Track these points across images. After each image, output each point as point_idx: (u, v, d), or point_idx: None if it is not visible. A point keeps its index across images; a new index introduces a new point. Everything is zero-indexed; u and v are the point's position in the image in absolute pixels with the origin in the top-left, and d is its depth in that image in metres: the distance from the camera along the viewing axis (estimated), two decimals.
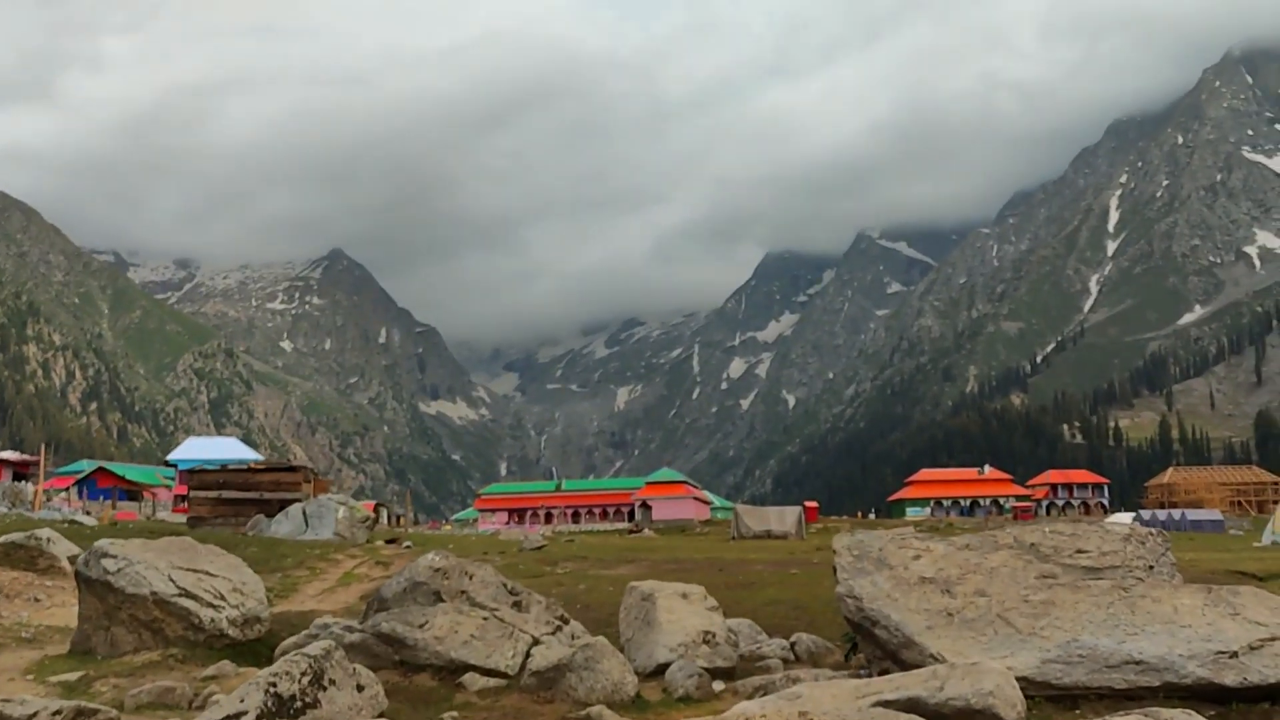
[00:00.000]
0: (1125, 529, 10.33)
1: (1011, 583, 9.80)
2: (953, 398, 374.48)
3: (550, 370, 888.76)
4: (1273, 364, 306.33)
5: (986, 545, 10.35)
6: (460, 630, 10.36)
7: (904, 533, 10.56)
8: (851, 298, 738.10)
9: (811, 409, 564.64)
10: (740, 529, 73.60)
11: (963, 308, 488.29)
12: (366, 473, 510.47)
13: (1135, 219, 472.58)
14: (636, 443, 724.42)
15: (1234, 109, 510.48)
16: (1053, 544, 10.21)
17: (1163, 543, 10.48)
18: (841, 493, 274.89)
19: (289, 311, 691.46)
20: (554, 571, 20.35)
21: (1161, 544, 10.47)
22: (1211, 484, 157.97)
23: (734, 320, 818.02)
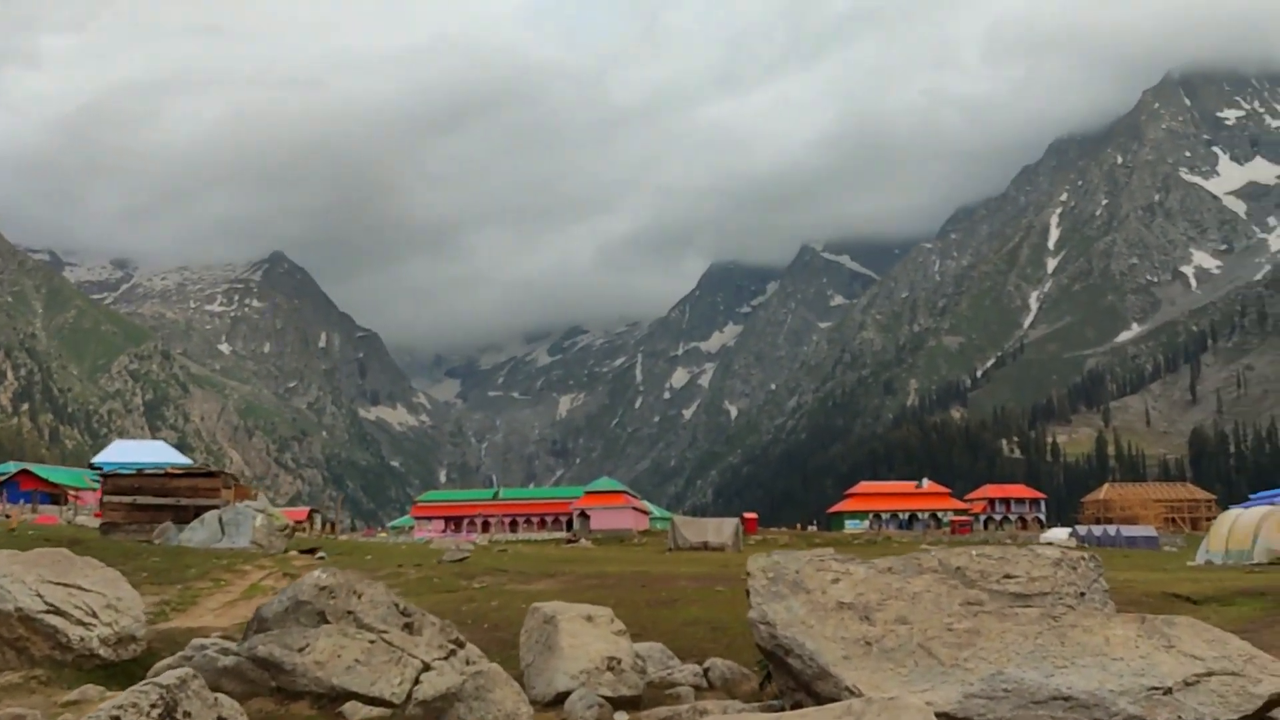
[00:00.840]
0: (1056, 553, 9.71)
1: (935, 610, 9.13)
2: (893, 411, 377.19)
3: (492, 377, 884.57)
4: (1207, 382, 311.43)
5: (910, 569, 9.69)
6: (344, 654, 9.51)
7: (823, 554, 9.87)
8: (795, 309, 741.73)
9: (753, 420, 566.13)
10: (677, 540, 72.92)
11: (904, 321, 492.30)
12: (304, 478, 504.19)
13: (1075, 237, 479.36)
14: (578, 451, 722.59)
15: (1172, 130, 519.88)
16: (980, 568, 9.56)
17: (1094, 568, 9.87)
18: (782, 504, 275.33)
19: (228, 314, 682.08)
20: (469, 586, 19.49)
21: (1093, 569, 9.86)
22: (1146, 500, 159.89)
23: (677, 330, 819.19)
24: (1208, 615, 15.43)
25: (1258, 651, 8.30)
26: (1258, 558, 31.07)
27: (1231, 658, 8.37)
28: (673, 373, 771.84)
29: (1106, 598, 9.91)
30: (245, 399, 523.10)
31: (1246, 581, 19.10)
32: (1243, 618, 14.68)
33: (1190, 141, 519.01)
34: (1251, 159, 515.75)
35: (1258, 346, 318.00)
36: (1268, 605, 15.48)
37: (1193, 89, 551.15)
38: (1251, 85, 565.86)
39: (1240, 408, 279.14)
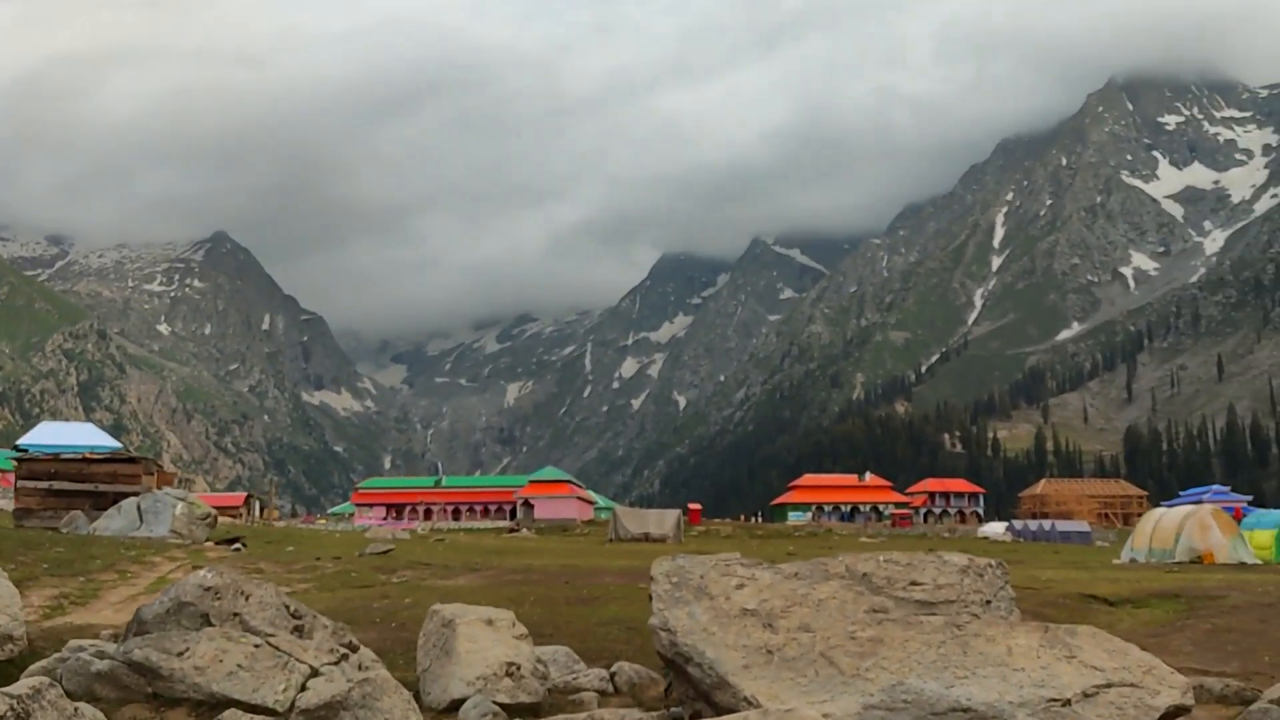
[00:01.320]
0: (963, 560, 9.54)
1: (839, 617, 8.92)
2: (839, 404, 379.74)
3: (439, 364, 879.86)
4: (1143, 381, 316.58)
5: (816, 574, 9.47)
6: (226, 659, 9.10)
7: (728, 559, 9.63)
8: (745, 302, 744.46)
9: (701, 411, 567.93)
10: (618, 531, 72.72)
11: (852, 316, 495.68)
12: (244, 462, 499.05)
13: (1019, 236, 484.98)
14: (525, 440, 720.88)
15: (1115, 134, 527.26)
16: (886, 574, 9.37)
17: (1001, 575, 9.72)
18: (728, 495, 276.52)
19: (167, 294, 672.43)
20: (387, 581, 19.08)
21: (999, 577, 9.71)
22: (1081, 496, 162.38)
23: (627, 320, 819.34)
24: (1121, 618, 15.43)
25: (1157, 662, 8.17)
26: (1179, 556, 31.36)
27: (1131, 669, 8.23)
28: (622, 362, 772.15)
29: (1012, 605, 9.76)
30: (184, 381, 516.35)
31: (1164, 582, 19.17)
32: (1155, 621, 14.68)
33: (1132, 145, 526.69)
34: (1190, 164, 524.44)
35: (1191, 347, 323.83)
36: (1179, 608, 15.50)
37: (1135, 94, 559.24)
38: (1191, 92, 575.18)
39: (1173, 407, 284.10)
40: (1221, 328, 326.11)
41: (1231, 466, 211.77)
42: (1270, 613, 14.43)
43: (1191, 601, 16.03)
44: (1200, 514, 32.99)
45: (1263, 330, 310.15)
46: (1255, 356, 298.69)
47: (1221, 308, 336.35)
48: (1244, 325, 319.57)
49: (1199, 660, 11.68)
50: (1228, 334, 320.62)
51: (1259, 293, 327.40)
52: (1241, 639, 12.59)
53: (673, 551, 51.80)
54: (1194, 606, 15.50)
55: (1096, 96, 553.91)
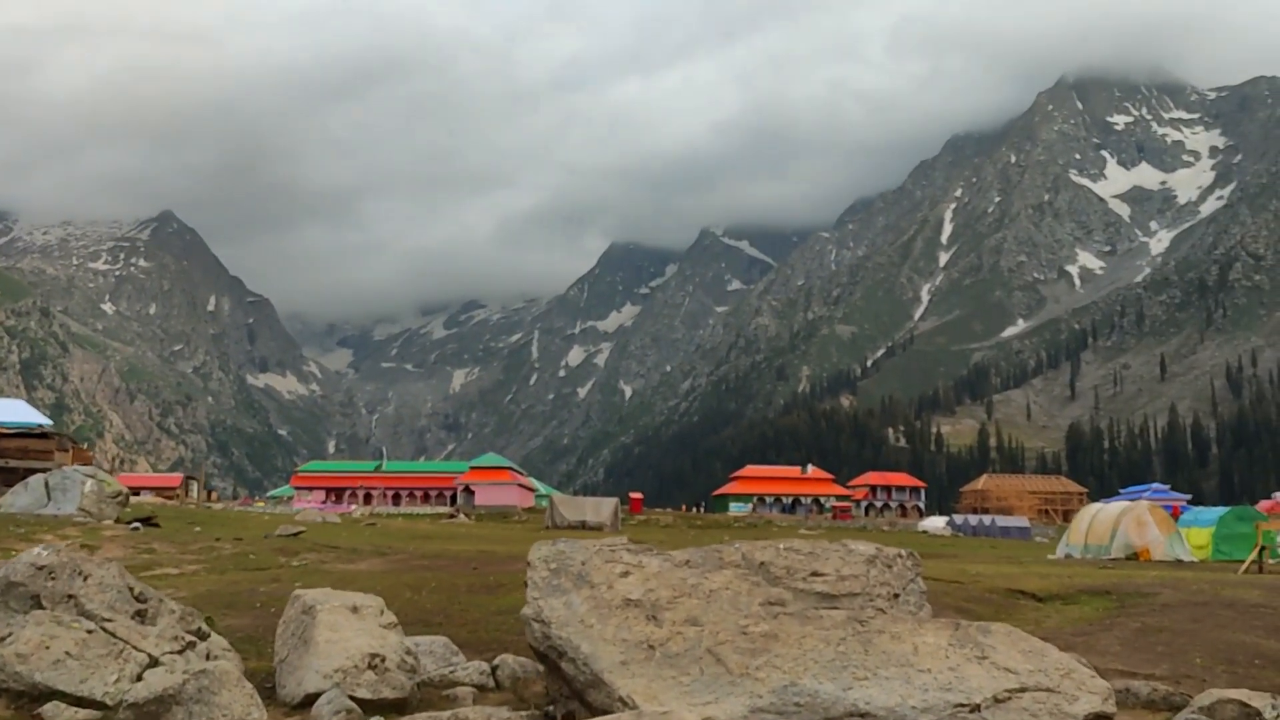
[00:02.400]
0: (871, 550, 8.74)
1: (731, 610, 8.07)
2: (785, 396, 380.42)
3: (385, 348, 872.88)
4: (1086, 379, 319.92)
5: (710, 563, 8.62)
6: (53, 646, 8.11)
7: (615, 544, 8.76)
8: (692, 293, 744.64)
9: (647, 400, 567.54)
10: (555, 519, 71.98)
11: (799, 309, 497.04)
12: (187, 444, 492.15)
13: (967, 232, 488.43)
14: (470, 426, 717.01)
15: (1064, 133, 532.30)
16: (786, 564, 8.53)
17: (912, 567, 8.92)
18: (672, 485, 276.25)
19: (112, 273, 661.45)
20: (285, 564, 18.06)
21: (910, 568, 8.91)
22: (1022, 492, 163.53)
23: (575, 308, 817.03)
24: (1049, 614, 14.79)
25: (1077, 664, 7.37)
26: (1115, 553, 30.96)
27: (1048, 671, 7.45)
28: (569, 351, 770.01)
29: (923, 600, 8.97)
30: (128, 361, 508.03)
31: (1097, 578, 18.59)
32: (1083, 618, 14.02)
33: (1080, 144, 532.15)
34: (1137, 164, 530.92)
35: (1135, 346, 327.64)
36: (1109, 605, 14.86)
37: (1085, 93, 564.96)
38: (1140, 93, 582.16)
39: (1116, 405, 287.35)
40: (1165, 328, 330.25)
41: (1172, 465, 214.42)
42: (1203, 612, 13.81)
43: (1122, 599, 15.42)
44: (1137, 510, 32.62)
45: (1205, 331, 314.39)
46: (1198, 357, 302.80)
47: (1165, 308, 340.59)
48: (1187, 326, 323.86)
49: (1127, 661, 11.00)
50: (1171, 334, 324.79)
51: (1203, 294, 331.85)
52: (1172, 639, 11.94)
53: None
54: (1125, 604, 14.88)
55: (1047, 95, 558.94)
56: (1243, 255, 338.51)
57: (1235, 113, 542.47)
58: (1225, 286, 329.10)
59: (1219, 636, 12.13)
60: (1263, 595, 15.34)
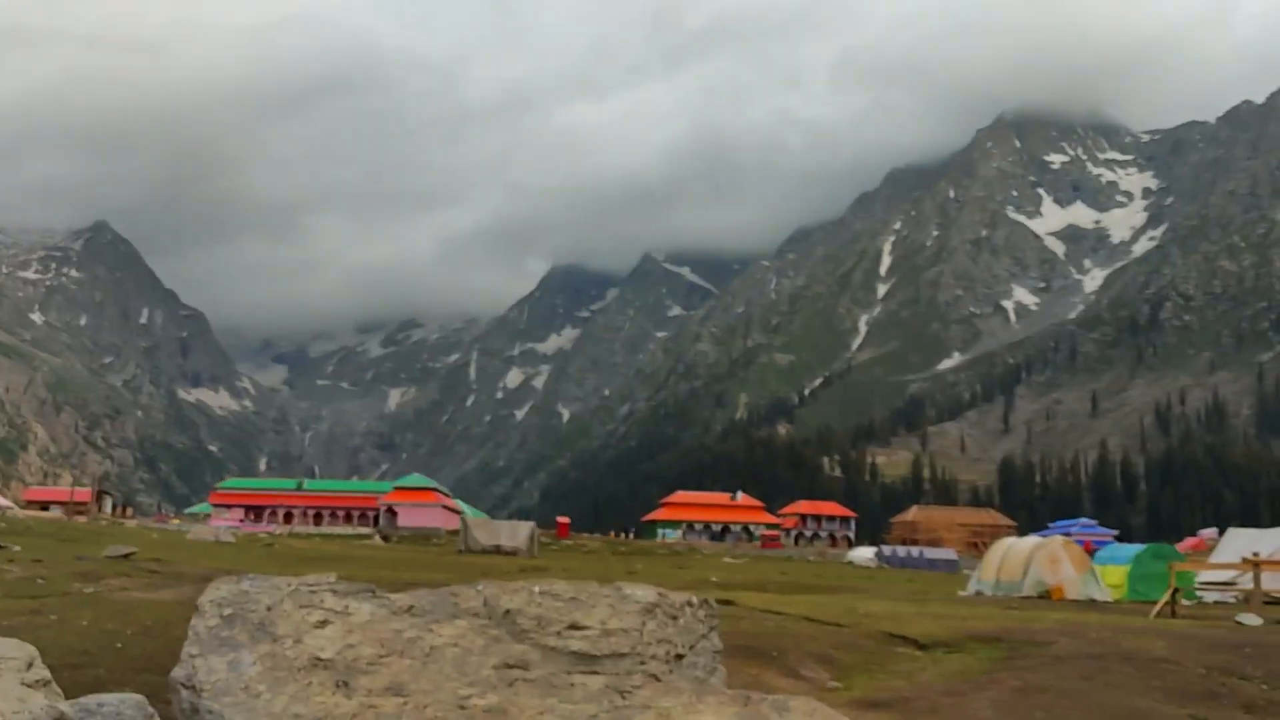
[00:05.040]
0: (652, 596, 6.72)
1: (454, 674, 6.02)
2: (723, 423, 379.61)
3: (321, 365, 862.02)
4: (1020, 413, 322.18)
5: (440, 610, 6.56)
6: None
7: (317, 584, 6.69)
8: (633, 317, 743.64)
9: (585, 424, 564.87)
10: (469, 542, 69.52)
11: (739, 336, 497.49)
12: (114, 458, 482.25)
13: (905, 265, 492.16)
14: (405, 446, 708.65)
15: (1002, 170, 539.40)
16: (538, 613, 6.49)
17: (705, 619, 6.92)
18: (607, 510, 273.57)
19: (43, 282, 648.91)
20: (74, 591, 15.75)
21: (703, 621, 6.91)
22: (951, 524, 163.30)
23: (515, 330, 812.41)
24: (925, 666, 12.92)
25: None
26: (1026, 590, 29.34)
27: None
28: (507, 373, 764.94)
29: (715, 662, 6.99)
30: (56, 372, 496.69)
31: (993, 621, 16.80)
32: (962, 672, 12.14)
33: (1018, 181, 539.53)
34: (1073, 203, 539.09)
35: (1067, 382, 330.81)
36: (996, 656, 13.02)
37: (1023, 131, 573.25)
38: (1077, 132, 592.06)
39: (1048, 440, 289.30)
40: (1097, 365, 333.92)
41: (1101, 501, 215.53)
42: (1097, 667, 11.99)
43: (1012, 648, 13.61)
44: (1051, 546, 31.04)
45: (1136, 369, 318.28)
46: (1128, 394, 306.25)
47: (1098, 345, 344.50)
48: (1118, 363, 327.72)
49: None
50: (1103, 371, 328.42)
51: (1134, 332, 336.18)
52: (1055, 702, 10.09)
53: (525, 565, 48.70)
54: (1013, 654, 13.07)
55: (986, 132, 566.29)
56: (1173, 295, 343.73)
57: (1168, 156, 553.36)
58: (1156, 325, 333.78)
59: (1110, 700, 10.30)
60: (1167, 647, 13.56)
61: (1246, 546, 26.99)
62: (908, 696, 10.37)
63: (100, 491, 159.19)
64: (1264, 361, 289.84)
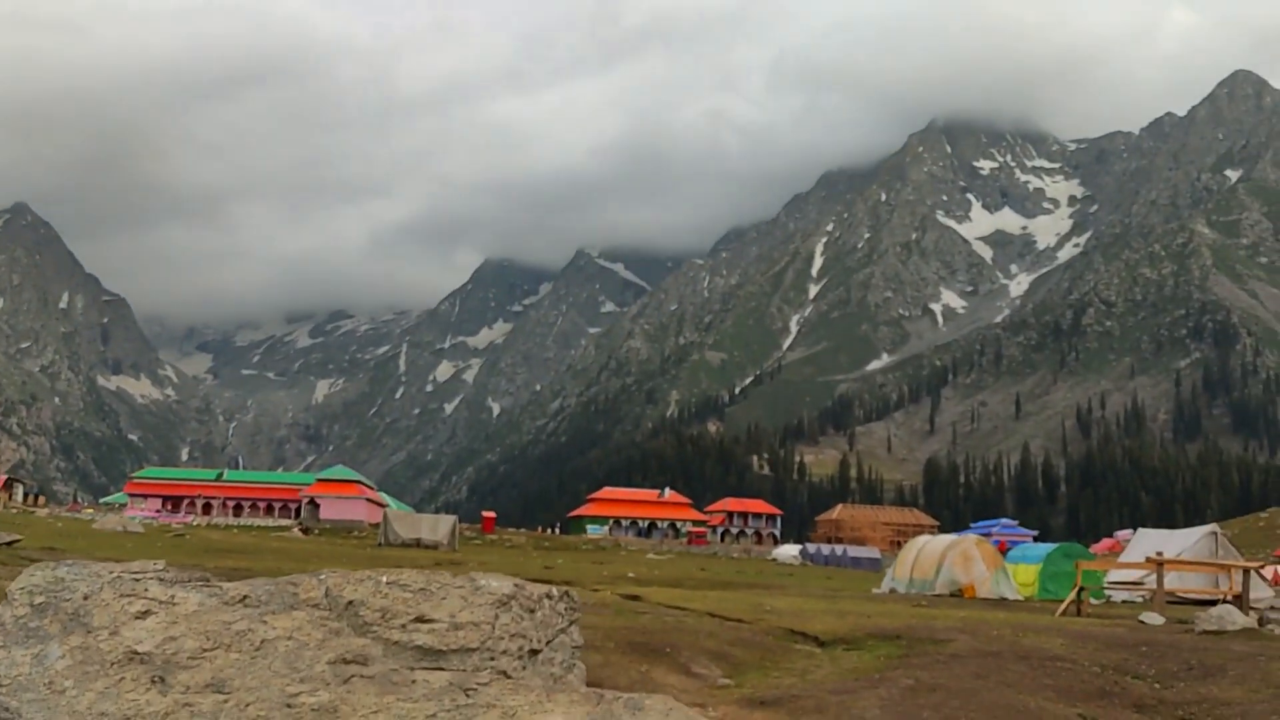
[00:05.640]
0: (509, 588, 6.31)
1: (285, 670, 5.56)
2: (653, 420, 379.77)
3: (247, 355, 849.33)
4: (945, 414, 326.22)
5: (277, 600, 6.09)
6: None
7: (143, 571, 6.19)
8: (566, 313, 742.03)
9: (515, 419, 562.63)
10: (388, 535, 68.56)
11: (671, 334, 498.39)
12: (30, 446, 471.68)
13: (837, 266, 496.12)
14: (332, 438, 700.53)
15: (933, 174, 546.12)
16: (383, 605, 6.05)
17: (565, 612, 6.52)
18: (536, 505, 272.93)
19: None
20: None
21: (563, 614, 6.51)
22: (876, 523, 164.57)
23: (446, 323, 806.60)
24: (821, 663, 12.66)
25: None
26: (939, 589, 29.36)
27: None
28: (437, 366, 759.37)
29: (574, 658, 6.60)
30: None
31: (898, 619, 16.62)
32: (857, 669, 11.90)
33: (948, 186, 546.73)
34: (1001, 208, 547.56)
35: (992, 385, 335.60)
36: (894, 653, 12.80)
37: (954, 137, 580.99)
38: (1006, 140, 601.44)
39: (972, 441, 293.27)
40: (1021, 368, 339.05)
41: (1023, 502, 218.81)
42: (991, 665, 11.79)
43: (911, 645, 13.40)
44: (964, 545, 31.10)
45: (1059, 373, 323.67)
46: (1051, 397, 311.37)
47: (1022, 349, 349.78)
48: (1042, 367, 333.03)
49: None
50: (1027, 374, 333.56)
51: (1057, 337, 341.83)
52: (944, 701, 9.84)
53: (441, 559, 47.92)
54: (911, 652, 12.85)
55: (918, 137, 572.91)
56: (1095, 301, 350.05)
57: (1093, 164, 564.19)
58: (1078, 331, 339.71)
59: (1001, 699, 10.08)
60: (1065, 646, 13.43)
61: (1154, 547, 27.19)
62: (796, 695, 10.07)
63: (9, 479, 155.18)
64: (1181, 368, 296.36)
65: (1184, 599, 25.87)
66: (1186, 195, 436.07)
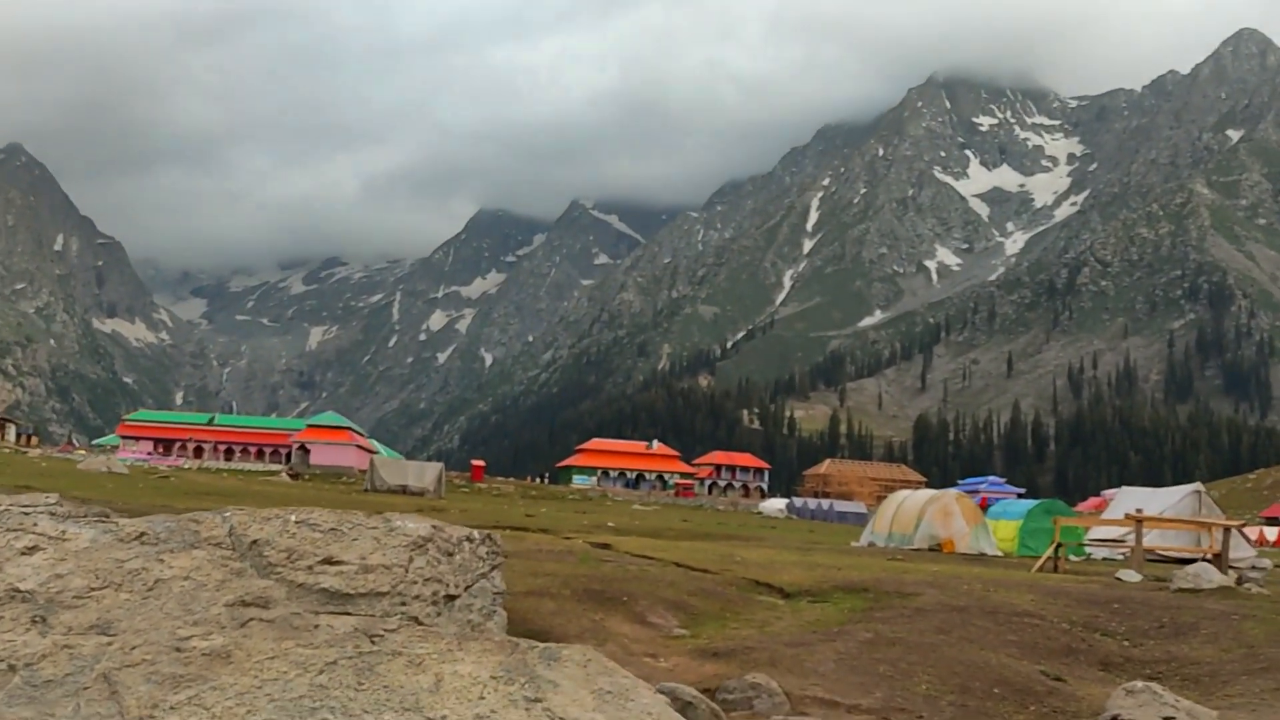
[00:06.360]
0: (426, 529, 5.94)
1: (180, 610, 5.32)
2: (645, 373, 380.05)
3: (241, 300, 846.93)
4: (937, 372, 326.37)
5: (177, 538, 5.71)
6: None
7: (33, 505, 5.82)
8: (559, 264, 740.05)
9: (508, 370, 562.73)
10: (375, 481, 68.57)
11: (664, 287, 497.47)
12: (25, 387, 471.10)
13: (832, 221, 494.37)
14: (325, 385, 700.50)
15: (931, 130, 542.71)
16: (289, 545, 5.67)
17: (487, 556, 6.15)
18: (527, 455, 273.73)
19: None
20: None
21: (484, 559, 6.14)
22: (863, 478, 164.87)
23: (440, 272, 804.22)
24: (782, 614, 12.38)
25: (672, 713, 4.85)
26: (918, 543, 29.17)
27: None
28: (431, 315, 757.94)
29: (496, 604, 6.23)
30: None
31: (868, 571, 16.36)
32: (819, 621, 11.62)
33: (946, 143, 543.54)
34: (999, 165, 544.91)
35: (984, 343, 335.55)
36: (858, 606, 12.51)
37: (954, 93, 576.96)
38: (1006, 96, 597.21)
39: (963, 398, 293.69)
40: (1014, 326, 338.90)
41: (1012, 459, 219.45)
42: (956, 620, 11.49)
43: (878, 598, 13.12)
44: (944, 500, 30.89)
45: (1052, 332, 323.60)
46: (1043, 356, 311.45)
47: (1016, 307, 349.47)
48: (1035, 326, 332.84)
49: (834, 685, 8.52)
50: (1020, 333, 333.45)
51: (1051, 295, 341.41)
52: (903, 655, 9.55)
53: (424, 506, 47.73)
54: (875, 606, 12.56)
55: (917, 91, 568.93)
56: (1091, 261, 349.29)
57: (1093, 122, 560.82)
58: (1073, 290, 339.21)
59: (961, 654, 9.78)
60: (1035, 602, 13.15)
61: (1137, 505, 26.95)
62: (751, 646, 9.78)
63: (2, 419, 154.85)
64: (1175, 329, 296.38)
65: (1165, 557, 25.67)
66: (1187, 155, 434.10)
